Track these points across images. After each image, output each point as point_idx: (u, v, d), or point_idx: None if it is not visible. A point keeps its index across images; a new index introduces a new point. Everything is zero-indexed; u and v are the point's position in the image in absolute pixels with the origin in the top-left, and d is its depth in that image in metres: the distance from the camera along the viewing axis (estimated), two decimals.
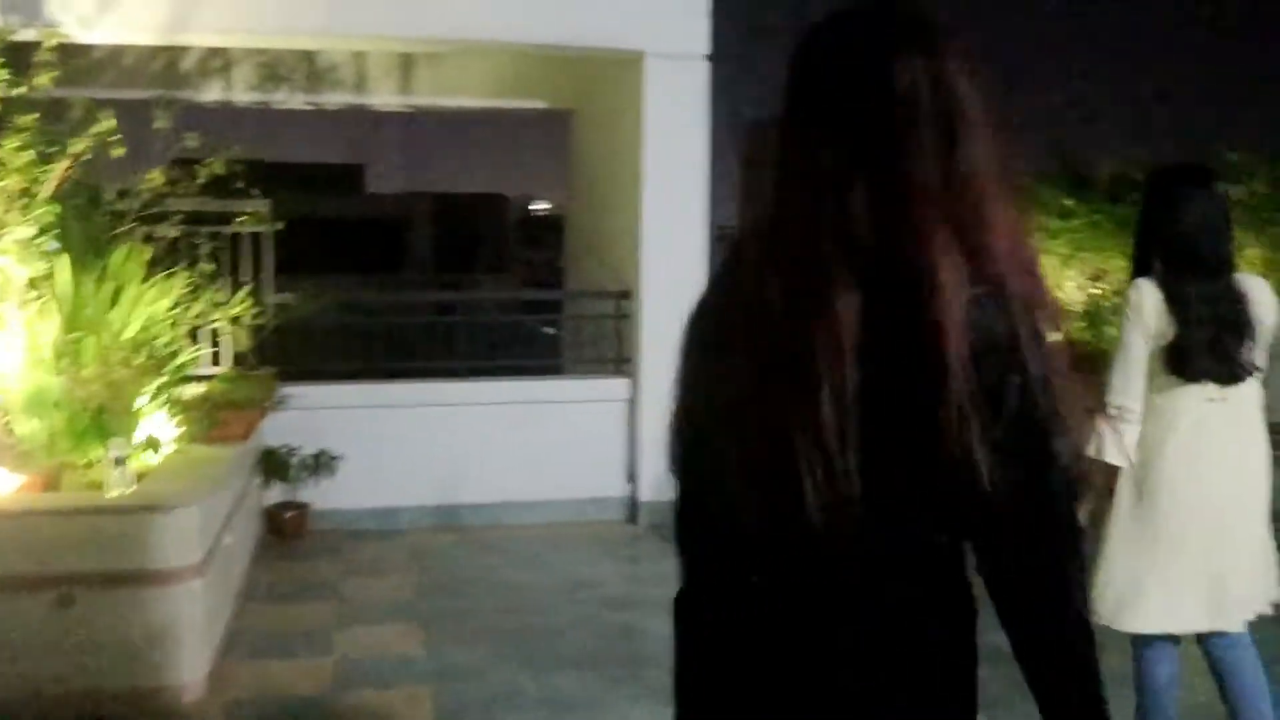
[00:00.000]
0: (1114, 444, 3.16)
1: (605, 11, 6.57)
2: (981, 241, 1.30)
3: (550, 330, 10.69)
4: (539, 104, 8.78)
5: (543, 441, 6.82)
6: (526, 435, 6.80)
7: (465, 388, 6.88)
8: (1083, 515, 3.23)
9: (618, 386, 6.99)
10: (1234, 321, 3.17)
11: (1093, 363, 9.19)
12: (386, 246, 19.18)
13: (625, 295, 7.00)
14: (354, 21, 6.31)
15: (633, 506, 6.93)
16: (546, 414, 6.86)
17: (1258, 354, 3.22)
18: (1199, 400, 3.20)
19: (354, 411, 6.57)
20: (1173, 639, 3.28)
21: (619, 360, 7.07)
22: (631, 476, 6.98)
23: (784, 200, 1.36)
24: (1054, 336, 1.37)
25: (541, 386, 7.13)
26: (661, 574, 1.98)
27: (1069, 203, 9.82)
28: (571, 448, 6.88)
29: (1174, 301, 3.16)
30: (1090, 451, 3.12)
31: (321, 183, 18.92)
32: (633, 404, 6.96)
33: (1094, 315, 9.69)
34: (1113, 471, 3.25)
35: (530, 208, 34.02)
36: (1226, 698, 3.27)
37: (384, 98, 8.21)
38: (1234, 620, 3.21)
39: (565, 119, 9.14)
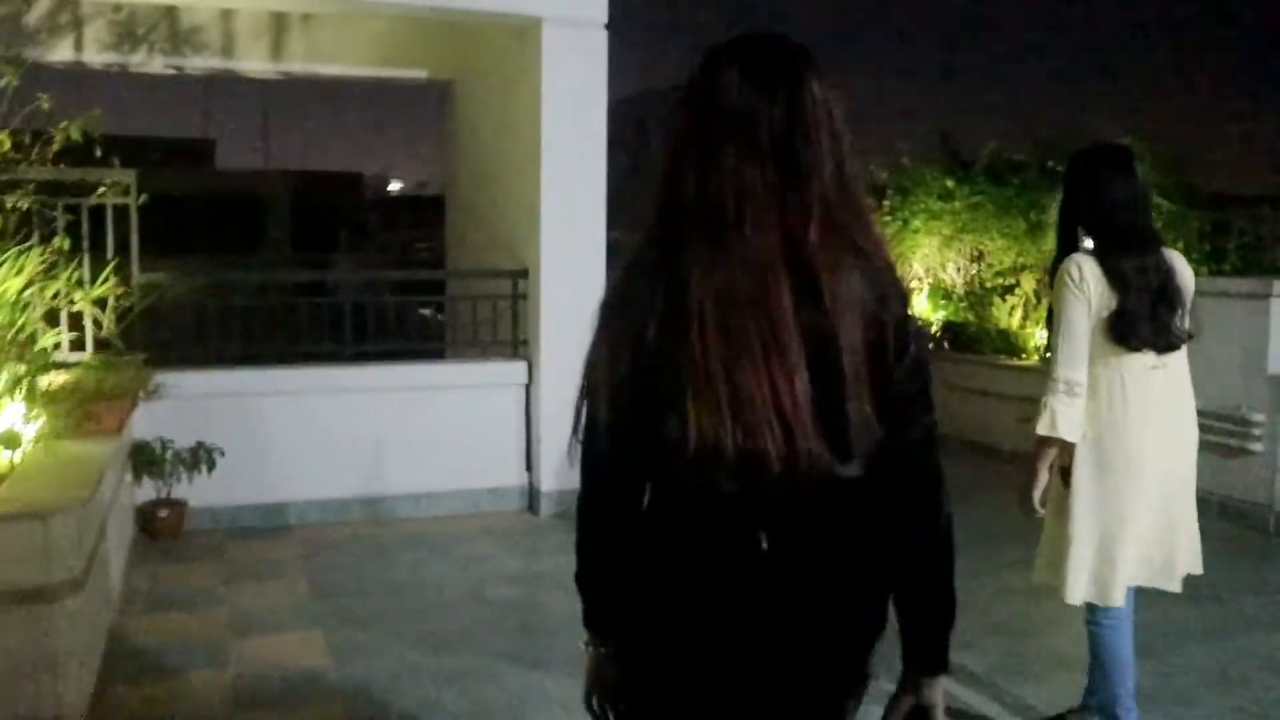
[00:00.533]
0: (1067, 419, 3.23)
1: None
2: (867, 236, 1.64)
3: (425, 311, 10.26)
4: (418, 74, 8.32)
5: (436, 429, 6.46)
6: (418, 423, 6.43)
7: (352, 373, 6.42)
8: (1036, 494, 3.18)
9: (514, 370, 6.66)
10: (1166, 292, 3.27)
11: (977, 344, 9.25)
12: (240, 226, 18.27)
13: (523, 274, 6.68)
14: None
15: (531, 495, 6.64)
16: (438, 400, 6.50)
17: (1187, 322, 3.33)
18: (1143, 369, 3.27)
19: (231, 400, 6.07)
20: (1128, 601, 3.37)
21: (515, 343, 6.74)
22: (529, 464, 6.69)
23: (719, 206, 1.59)
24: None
25: (433, 371, 6.74)
26: (567, 567, 1.91)
27: (950, 184, 9.90)
28: (466, 435, 6.54)
29: (1111, 275, 3.23)
30: (1043, 429, 3.26)
31: (169, 158, 17.83)
32: (529, 388, 6.66)
33: (979, 297, 9.82)
34: (1069, 447, 3.29)
35: (389, 187, 33.10)
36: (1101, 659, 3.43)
37: (252, 63, 7.62)
38: (1175, 581, 3.36)
39: (432, 92, 8.73)
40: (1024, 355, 8.90)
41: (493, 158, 7.46)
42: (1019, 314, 9.36)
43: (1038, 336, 8.90)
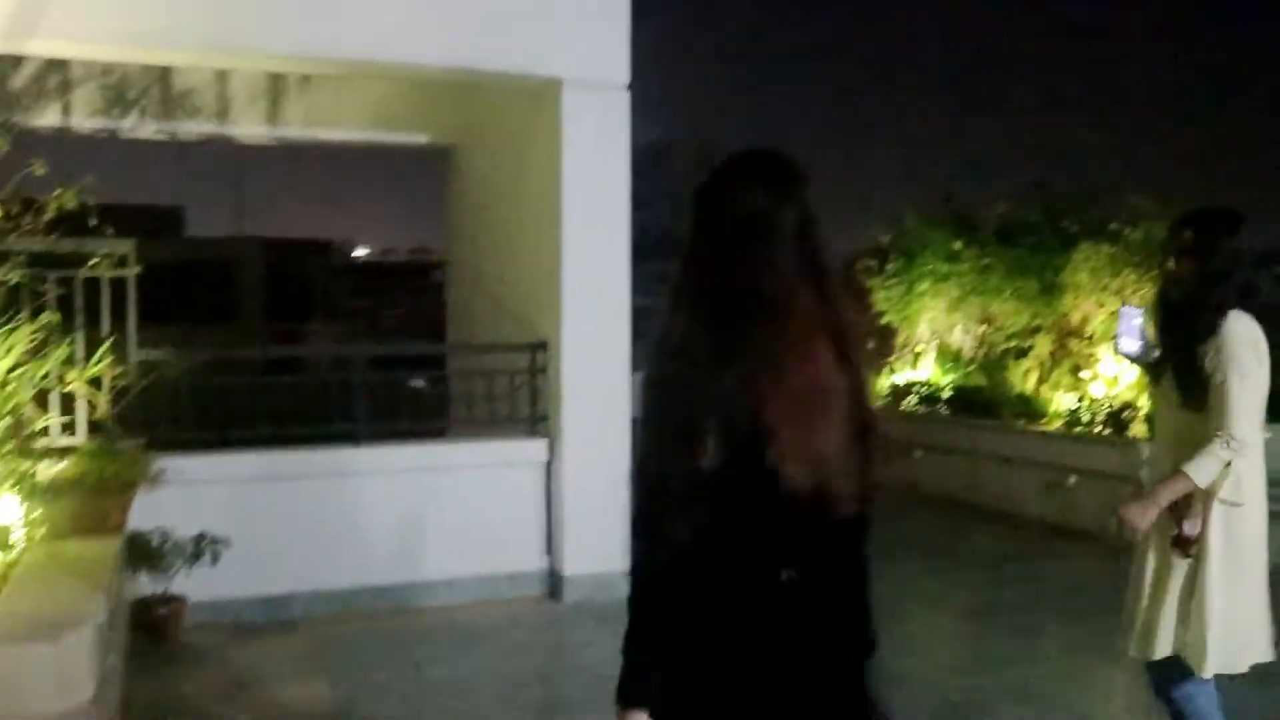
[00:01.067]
0: (1211, 470, 3.19)
1: (520, 34, 5.95)
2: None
3: (417, 384, 9.82)
4: (419, 138, 8.02)
5: (449, 512, 6.05)
6: (430, 506, 6.01)
7: (361, 454, 6.00)
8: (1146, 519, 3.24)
9: (533, 448, 6.27)
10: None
11: (994, 409, 8.95)
12: (209, 294, 17.74)
13: (541, 347, 6.32)
14: (223, 33, 5.44)
15: (553, 581, 6.22)
16: (452, 481, 6.08)
17: None
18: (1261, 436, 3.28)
19: (233, 486, 5.63)
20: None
21: (534, 419, 6.36)
22: (550, 548, 6.27)
23: (772, 296, 1.87)
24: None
25: (446, 451, 6.31)
26: (600, 661, 1.94)
27: (957, 246, 9.72)
28: (482, 518, 6.12)
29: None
30: (1193, 472, 3.18)
31: (136, 225, 17.32)
32: (550, 466, 6.26)
33: (991, 360, 9.58)
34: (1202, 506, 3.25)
35: (354, 254, 32.63)
36: None
37: (246, 128, 7.28)
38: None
39: (427, 156, 8.44)
40: (1045, 420, 8.64)
41: (502, 224, 7.15)
42: (1034, 376, 9.13)
43: (1059, 400, 8.65)
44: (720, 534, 1.88)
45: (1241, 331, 3.22)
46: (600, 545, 6.21)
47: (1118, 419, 7.86)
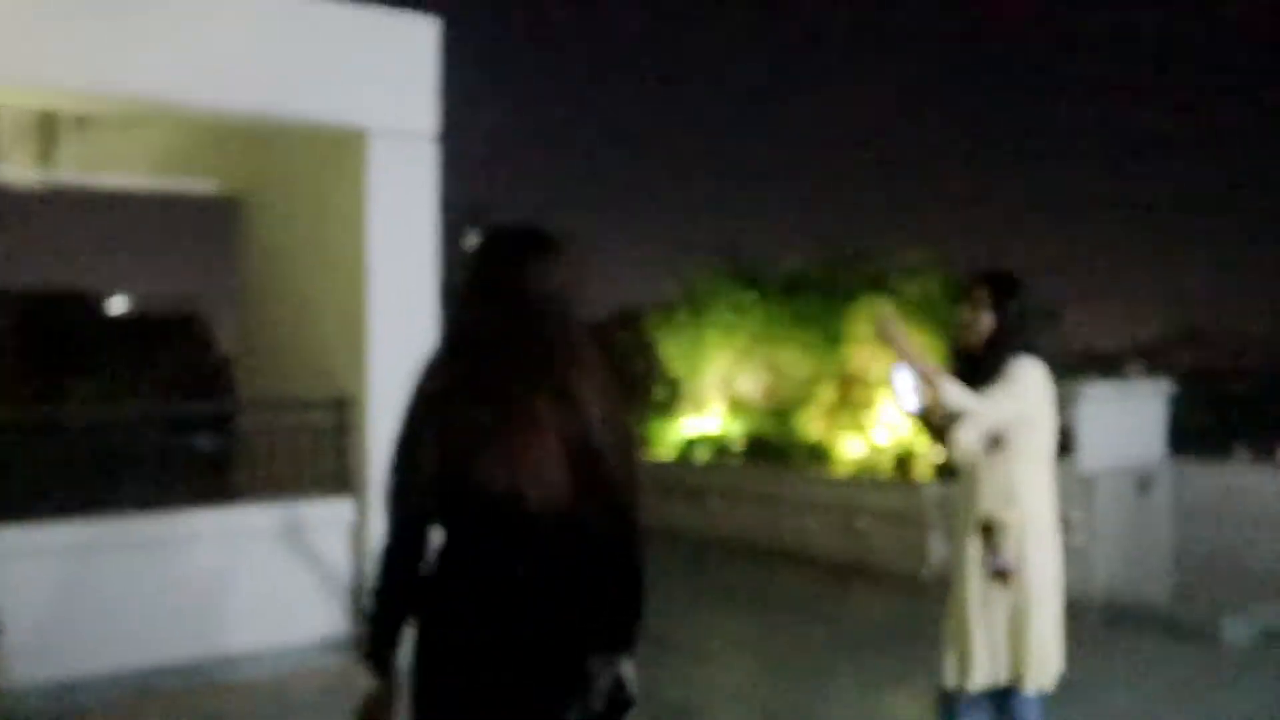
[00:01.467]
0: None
1: (325, 82, 5.82)
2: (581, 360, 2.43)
3: (204, 446, 9.28)
4: (207, 186, 7.65)
5: (250, 580, 5.74)
6: (232, 573, 5.69)
7: (150, 524, 5.59)
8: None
9: (339, 509, 6.05)
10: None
11: (785, 455, 9.26)
12: None
13: (347, 403, 6.12)
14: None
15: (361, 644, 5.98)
16: (251, 547, 5.78)
17: None
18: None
19: (7, 563, 5.13)
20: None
21: (341, 478, 6.13)
22: (363, 610, 6.04)
23: (493, 338, 2.40)
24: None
25: (245, 515, 5.94)
26: None
27: (746, 298, 10.10)
28: (286, 584, 5.85)
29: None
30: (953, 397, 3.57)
31: None
32: (358, 528, 6.05)
33: (777, 409, 9.94)
34: None
35: (112, 308, 30.55)
36: None
37: (13, 170, 6.74)
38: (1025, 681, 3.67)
39: (200, 207, 8.09)
40: (834, 465, 9.05)
41: (300, 275, 6.90)
42: (820, 423, 9.55)
43: (846, 446, 9.09)
44: (435, 518, 2.38)
45: (1027, 369, 3.62)
46: None
47: (902, 463, 8.34)
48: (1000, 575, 3.53)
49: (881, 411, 9.02)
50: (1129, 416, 7.34)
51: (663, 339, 10.86)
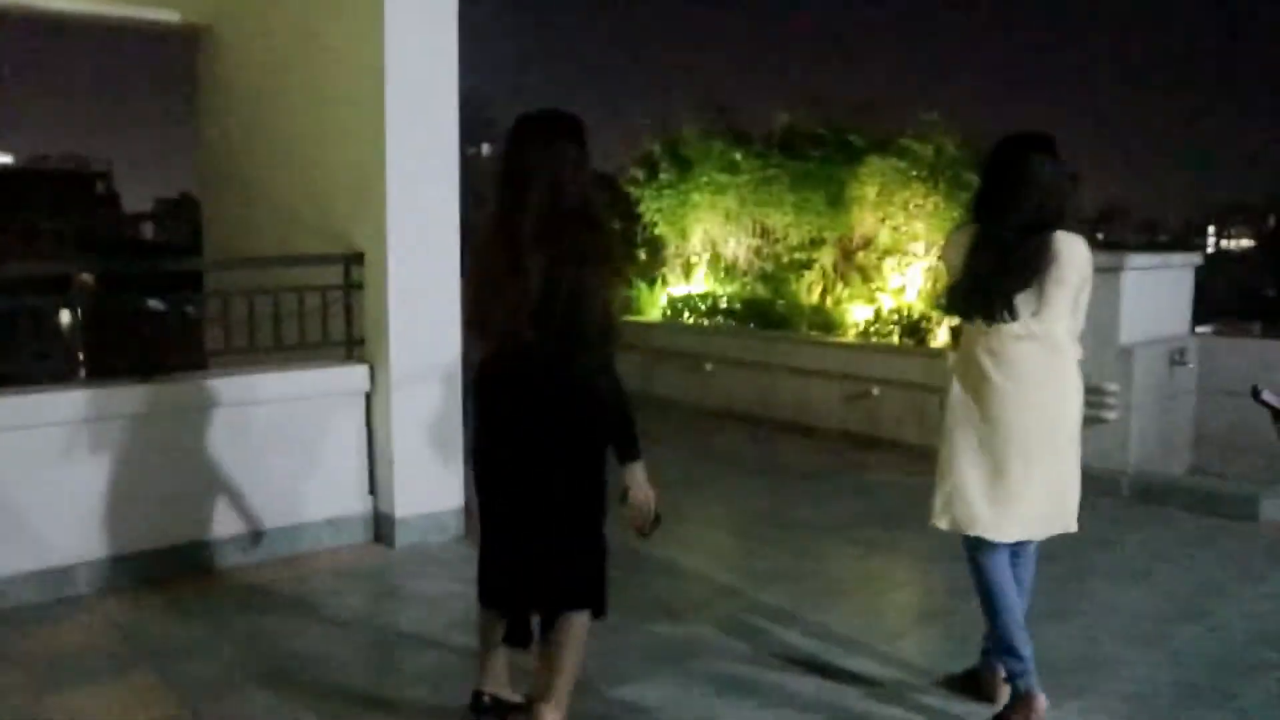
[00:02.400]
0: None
1: None
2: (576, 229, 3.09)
3: (157, 306, 8.52)
4: (169, 15, 6.75)
5: (252, 455, 5.18)
6: (229, 448, 5.12)
7: (140, 394, 4.95)
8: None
9: (351, 376, 5.48)
10: (1005, 270, 3.44)
11: (787, 322, 8.88)
12: None
13: (357, 259, 5.49)
14: None
15: (378, 524, 5.52)
16: (255, 419, 5.20)
17: (1035, 301, 3.48)
18: (980, 334, 3.55)
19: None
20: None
21: (350, 343, 5.55)
22: (373, 488, 5.55)
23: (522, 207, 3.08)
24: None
25: (248, 384, 5.28)
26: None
27: (737, 157, 9.55)
28: (292, 459, 5.31)
29: (969, 248, 3.51)
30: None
31: None
32: (370, 397, 5.51)
33: (772, 273, 9.53)
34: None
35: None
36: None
37: None
38: (1004, 531, 3.55)
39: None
40: (840, 331, 8.70)
41: (286, 118, 6.14)
42: (817, 290, 9.17)
43: (852, 313, 8.74)
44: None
45: (1077, 249, 3.47)
46: (433, 482, 5.58)
47: (915, 330, 8.01)
48: None
49: (889, 278, 8.66)
50: (1164, 288, 7.09)
51: (645, 200, 10.28)
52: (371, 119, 5.31)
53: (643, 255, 10.55)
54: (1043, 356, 3.47)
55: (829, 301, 9.04)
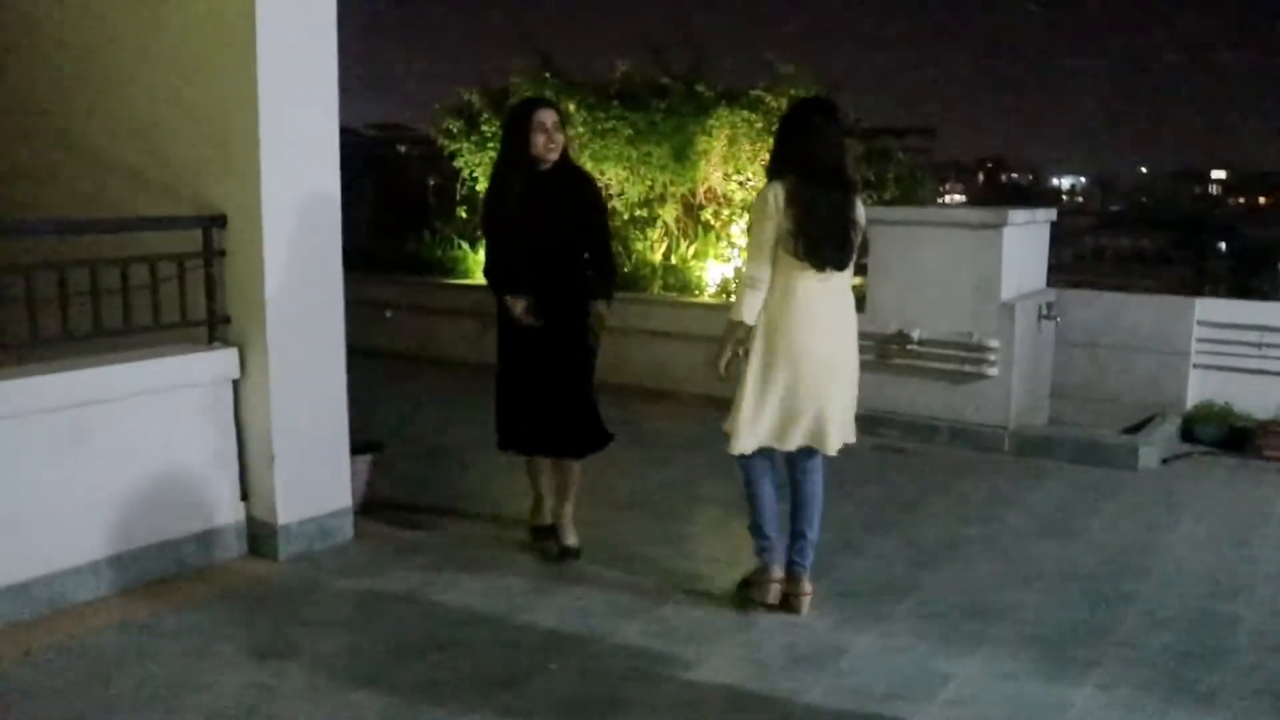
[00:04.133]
0: (750, 308, 4.01)
1: None
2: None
3: None
4: None
5: (96, 465, 4.23)
6: (66, 461, 4.15)
7: None
8: (721, 364, 4.12)
9: (215, 362, 4.59)
10: (840, 223, 4.01)
11: (642, 282, 8.41)
12: None
13: (219, 222, 4.58)
14: None
15: (255, 536, 4.68)
16: (92, 421, 4.23)
17: (852, 252, 4.10)
18: (809, 280, 3.99)
19: None
20: (770, 457, 4.20)
21: (212, 323, 4.64)
22: (245, 493, 4.70)
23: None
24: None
25: (78, 381, 4.22)
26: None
27: (571, 107, 8.96)
28: (143, 467, 4.39)
29: (800, 204, 3.93)
30: (732, 314, 4.06)
31: None
32: (241, 385, 4.65)
33: (614, 231, 9.03)
34: (750, 330, 4.06)
35: None
36: (796, 501, 4.24)
37: None
38: (828, 446, 4.10)
39: None
40: (698, 292, 8.34)
41: (118, 53, 5.04)
42: (661, 248, 8.78)
43: (711, 273, 8.39)
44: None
45: (764, 195, 4.03)
46: (320, 481, 4.81)
47: None
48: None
49: (738, 237, 8.37)
50: (1031, 244, 7.15)
51: (464, 154, 9.52)
52: (234, 61, 4.41)
53: (463, 213, 9.80)
54: (846, 299, 4.12)
55: (674, 260, 8.66)
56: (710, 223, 8.58)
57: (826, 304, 4.02)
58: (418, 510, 5.39)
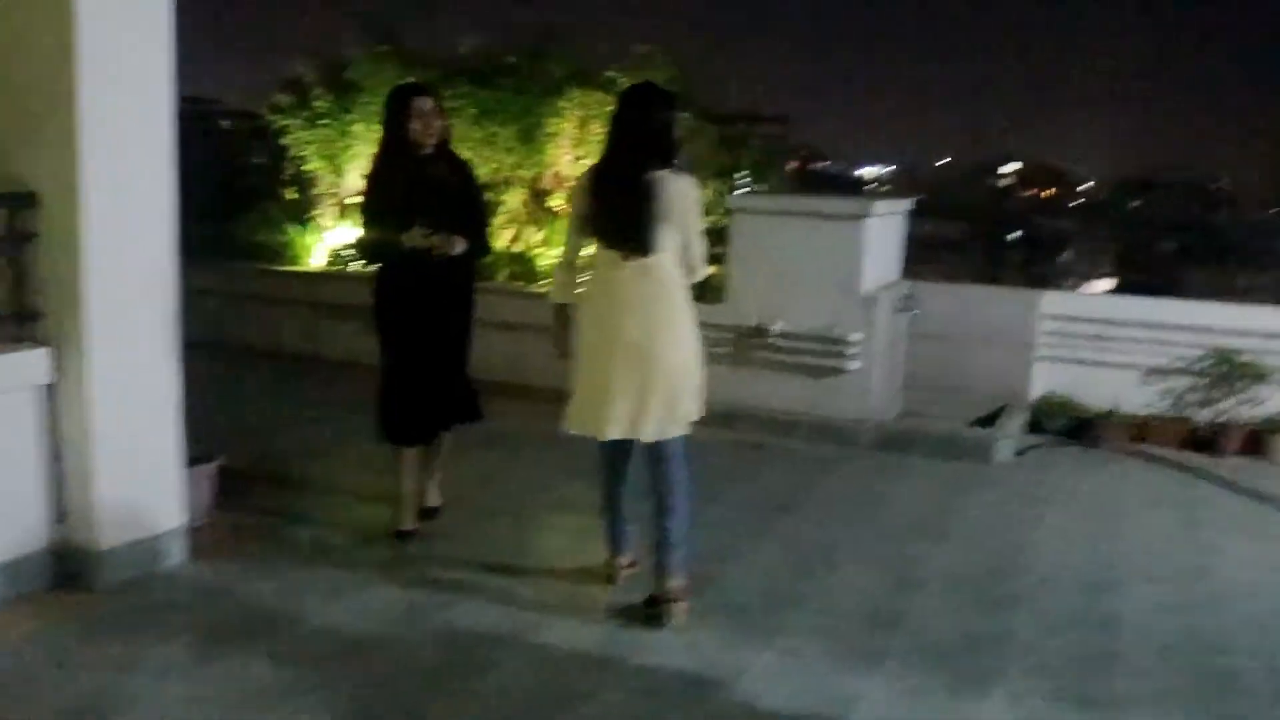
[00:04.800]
0: (559, 286, 4.22)
1: None
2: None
3: None
4: None
5: None
6: None
7: None
8: (555, 343, 4.26)
9: (23, 364, 3.98)
10: (639, 207, 3.86)
11: (488, 271, 8.05)
12: None
13: (27, 201, 3.96)
14: None
15: (71, 563, 4.10)
16: None
17: (660, 236, 3.91)
18: (619, 263, 3.93)
19: None
20: (618, 443, 4.06)
21: (22, 317, 4.01)
22: (61, 514, 4.11)
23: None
24: None
25: None
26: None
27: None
28: None
29: (598, 188, 3.97)
30: (550, 295, 4.28)
31: None
32: (56, 390, 4.05)
33: None
34: (569, 309, 4.22)
35: None
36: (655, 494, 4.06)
37: None
38: (645, 434, 3.95)
39: None
40: (548, 282, 7.98)
41: None
42: (508, 235, 8.40)
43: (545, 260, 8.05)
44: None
45: (582, 184, 4.12)
46: (149, 498, 4.26)
47: None
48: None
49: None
50: (889, 235, 7.13)
51: (293, 131, 8.86)
52: (49, 14, 3.80)
53: (293, 194, 9.14)
54: (661, 286, 3.92)
55: (520, 247, 8.29)
56: (556, 211, 8.25)
57: (635, 288, 3.92)
58: (267, 518, 4.90)
